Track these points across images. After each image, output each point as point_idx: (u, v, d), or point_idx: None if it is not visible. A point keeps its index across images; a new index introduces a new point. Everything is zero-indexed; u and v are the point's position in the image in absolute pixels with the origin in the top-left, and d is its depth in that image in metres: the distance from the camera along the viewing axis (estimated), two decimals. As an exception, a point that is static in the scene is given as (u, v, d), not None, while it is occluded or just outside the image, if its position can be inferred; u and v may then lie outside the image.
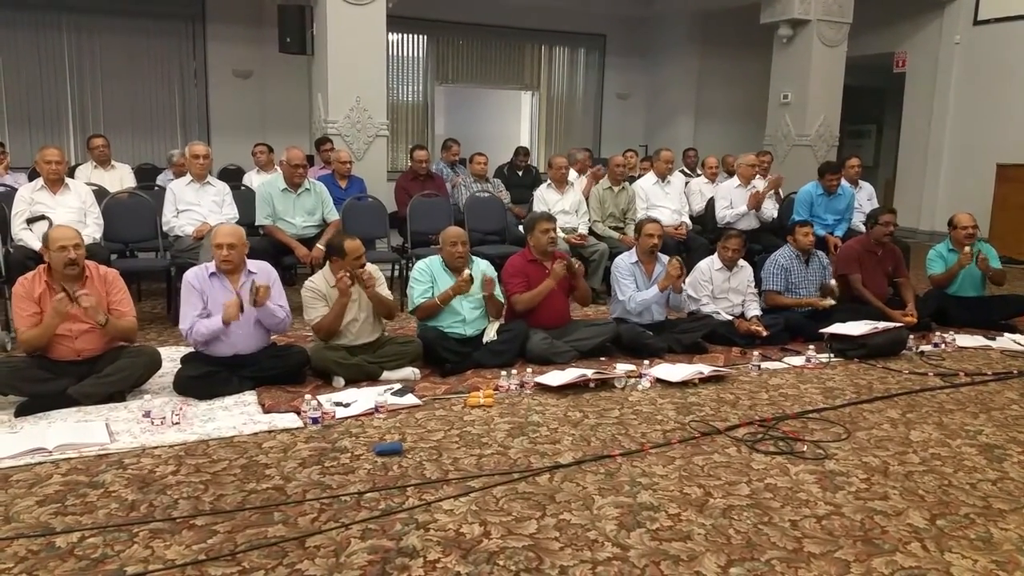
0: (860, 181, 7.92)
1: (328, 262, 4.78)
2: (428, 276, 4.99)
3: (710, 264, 5.77)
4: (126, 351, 4.27)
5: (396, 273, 6.86)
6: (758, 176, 7.79)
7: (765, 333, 5.52)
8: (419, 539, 2.80)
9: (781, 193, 8.25)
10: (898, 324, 5.65)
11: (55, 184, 5.66)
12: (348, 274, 4.51)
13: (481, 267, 5.14)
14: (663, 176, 7.63)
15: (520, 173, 9.08)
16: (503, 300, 5.15)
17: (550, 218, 5.39)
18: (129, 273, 4.54)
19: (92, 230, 5.66)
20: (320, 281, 4.71)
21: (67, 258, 4.03)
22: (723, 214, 7.39)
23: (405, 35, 11.45)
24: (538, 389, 4.52)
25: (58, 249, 4.03)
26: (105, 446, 3.56)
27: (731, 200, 7.41)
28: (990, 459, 3.68)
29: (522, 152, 9.31)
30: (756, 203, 7.35)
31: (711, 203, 7.70)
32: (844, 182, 7.54)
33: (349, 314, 4.64)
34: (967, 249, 6.15)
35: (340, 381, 4.50)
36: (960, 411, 4.36)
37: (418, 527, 2.89)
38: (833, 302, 5.80)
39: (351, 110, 7.99)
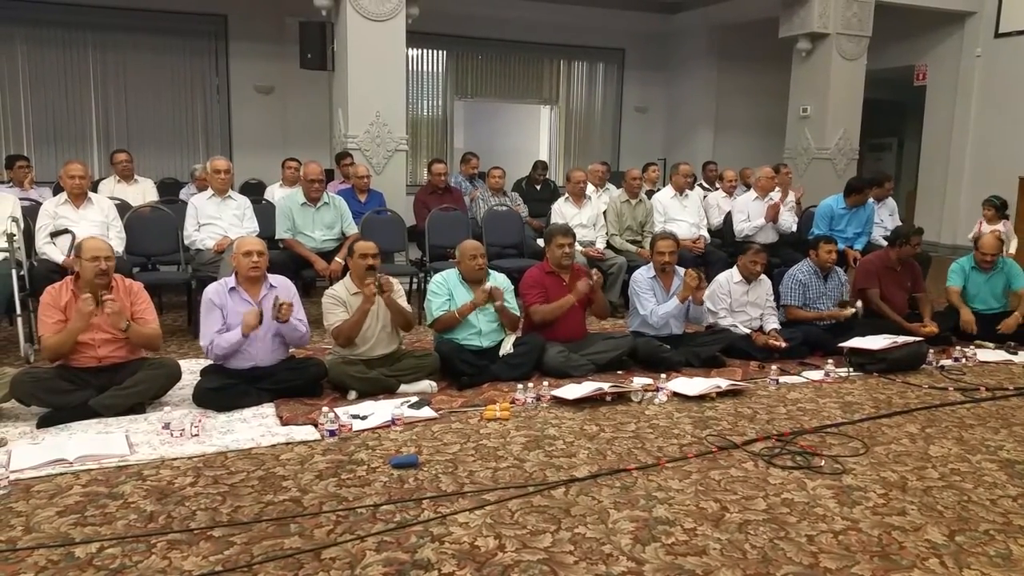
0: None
1: (348, 272, 4.84)
2: (445, 289, 5.02)
3: (728, 277, 5.76)
4: (146, 363, 4.33)
5: (414, 286, 6.89)
6: (777, 189, 7.77)
7: (783, 346, 5.49)
8: (434, 552, 2.81)
9: (801, 204, 8.22)
10: (918, 338, 5.61)
11: (78, 198, 5.75)
12: (375, 281, 4.55)
13: (498, 280, 5.16)
14: (681, 190, 7.62)
15: (538, 187, 9.10)
16: (518, 312, 5.16)
17: (567, 232, 5.36)
18: (150, 286, 4.60)
19: (115, 244, 5.71)
20: (341, 288, 4.78)
21: (99, 268, 4.13)
22: (741, 227, 7.36)
23: (425, 50, 11.53)
24: (554, 402, 4.52)
25: (91, 259, 4.13)
26: (125, 457, 3.60)
27: (748, 213, 7.39)
28: (1011, 475, 3.64)
29: (540, 166, 9.33)
30: (774, 215, 7.33)
31: (729, 216, 7.68)
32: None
33: (367, 324, 4.67)
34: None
35: (353, 394, 4.53)
36: (980, 426, 4.32)
37: (433, 540, 2.89)
38: (853, 310, 5.78)
39: (371, 125, 8.06)
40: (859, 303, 6.03)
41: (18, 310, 5.20)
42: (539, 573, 2.68)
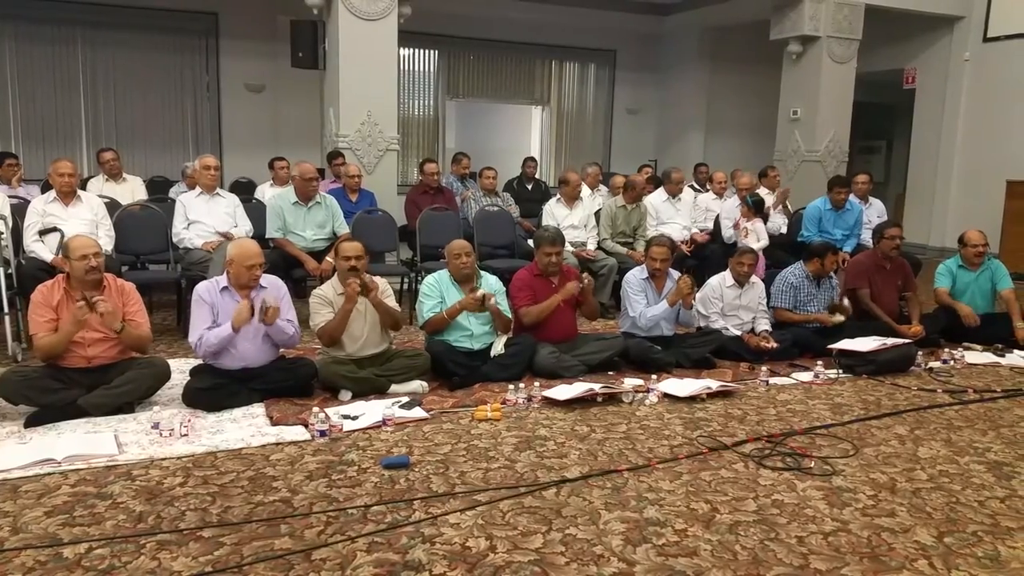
0: (870, 198, 7.90)
1: (336, 272, 4.84)
2: (437, 292, 5.01)
3: (721, 281, 5.76)
4: (136, 362, 4.30)
5: (405, 287, 6.88)
6: (766, 192, 7.80)
7: (773, 346, 5.51)
8: (425, 553, 2.80)
9: (791, 207, 8.25)
10: (907, 340, 5.63)
11: (67, 196, 5.72)
12: (357, 281, 4.54)
13: (490, 282, 5.16)
14: (674, 194, 7.64)
15: (529, 187, 9.12)
16: (510, 314, 5.16)
17: (554, 242, 5.26)
18: (140, 285, 4.57)
19: (104, 242, 5.67)
20: (328, 289, 4.78)
21: (88, 266, 4.10)
22: (728, 233, 7.35)
23: (416, 50, 11.53)
24: (545, 403, 4.52)
25: (79, 258, 4.10)
26: (113, 457, 3.58)
27: (734, 219, 7.39)
28: (999, 476, 3.66)
29: (530, 161, 9.36)
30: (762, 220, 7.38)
31: (719, 219, 7.70)
32: (853, 197, 7.54)
33: (355, 324, 4.67)
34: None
35: (347, 395, 4.51)
36: (969, 428, 4.34)
37: (424, 541, 2.89)
38: (843, 318, 5.79)
39: (362, 124, 8.05)
40: (846, 301, 6.03)
41: (5, 308, 5.17)
42: (530, 574, 2.68)
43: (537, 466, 3.63)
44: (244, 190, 8.27)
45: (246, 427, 4.05)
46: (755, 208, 7.20)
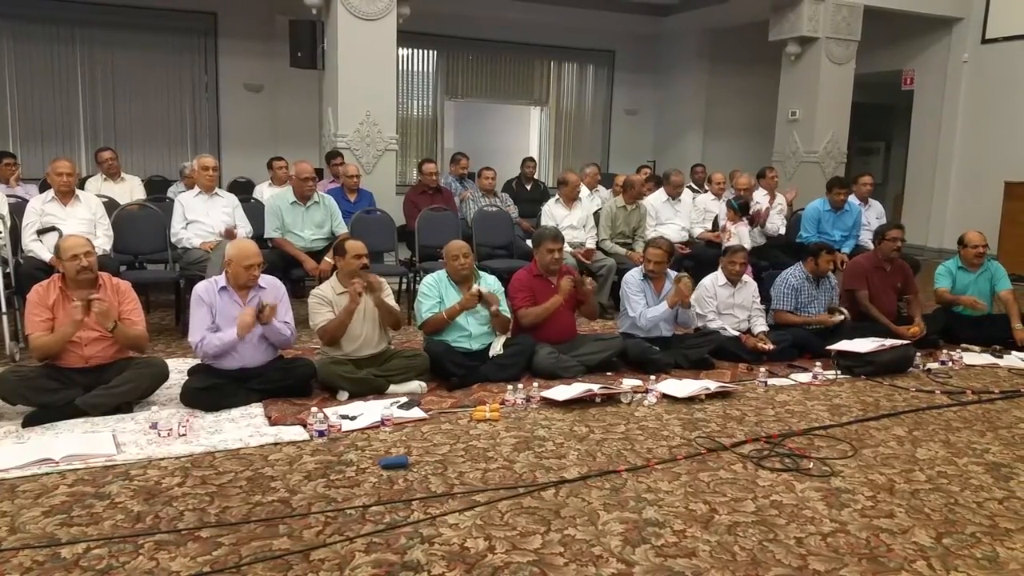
0: (869, 199, 7.91)
1: (335, 272, 4.83)
2: (436, 292, 5.01)
3: (714, 280, 5.78)
4: (134, 362, 4.30)
5: (404, 287, 6.88)
6: (764, 192, 7.80)
7: (769, 346, 5.51)
8: (424, 553, 2.80)
9: (793, 206, 8.26)
10: (905, 341, 5.63)
11: (66, 196, 5.71)
12: (361, 281, 4.54)
13: (489, 282, 5.16)
14: (674, 195, 7.64)
15: (528, 187, 9.11)
16: (509, 315, 5.16)
17: (556, 238, 5.32)
18: (138, 285, 4.57)
19: (102, 242, 5.70)
20: (327, 289, 4.77)
21: (79, 266, 4.10)
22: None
23: (415, 50, 11.53)
24: (544, 403, 4.52)
25: (70, 258, 4.11)
26: (112, 457, 3.58)
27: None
28: (997, 478, 3.66)
29: (529, 161, 9.36)
30: (760, 221, 7.37)
31: (717, 220, 7.70)
32: (853, 198, 7.54)
33: (354, 324, 4.67)
34: None
35: (344, 395, 4.51)
36: (967, 429, 4.34)
37: (423, 541, 2.89)
38: (842, 316, 5.79)
39: (361, 124, 8.05)
40: (846, 315, 6.03)
41: (3, 308, 5.16)
42: (529, 574, 2.68)
43: (536, 467, 3.62)
44: (243, 190, 8.28)
45: (244, 427, 4.04)
46: (740, 211, 7.20)
